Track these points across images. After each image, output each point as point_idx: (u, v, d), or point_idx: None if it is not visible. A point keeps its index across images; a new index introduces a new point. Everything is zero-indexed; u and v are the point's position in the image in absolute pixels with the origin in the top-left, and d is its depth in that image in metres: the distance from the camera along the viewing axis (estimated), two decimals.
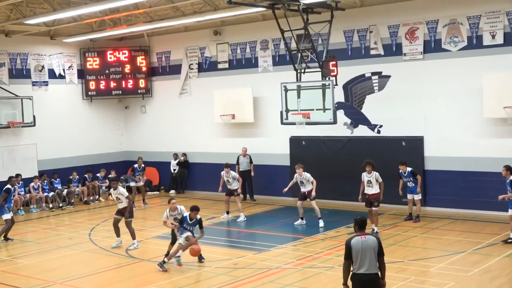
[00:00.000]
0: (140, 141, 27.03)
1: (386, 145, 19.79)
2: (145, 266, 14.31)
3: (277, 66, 22.38)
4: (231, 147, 23.57)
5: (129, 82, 26.21)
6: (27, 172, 23.20)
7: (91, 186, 24.31)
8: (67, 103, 25.52)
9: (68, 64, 25.48)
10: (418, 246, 15.00)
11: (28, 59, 24.20)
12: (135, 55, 26.28)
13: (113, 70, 26.08)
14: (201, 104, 24.57)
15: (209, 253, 14.95)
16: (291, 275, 12.93)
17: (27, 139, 23.93)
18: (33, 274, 13.81)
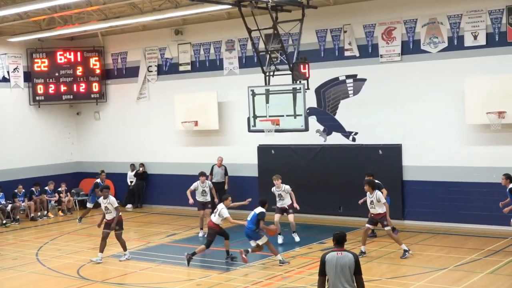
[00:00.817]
0: (94, 151, 26.84)
1: (362, 153, 19.99)
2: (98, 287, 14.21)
3: (244, 68, 22.46)
4: (194, 157, 23.58)
5: (81, 86, 26.01)
6: None
7: (39, 201, 24.03)
8: (12, 109, 25.23)
9: (13, 66, 25.21)
10: (396, 263, 15.13)
11: None
12: (88, 56, 26.12)
13: (64, 73, 25.88)
14: (160, 110, 24.53)
15: (169, 273, 14.93)
16: None
17: None
18: None
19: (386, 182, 18.99)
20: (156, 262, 16.25)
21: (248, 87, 18.25)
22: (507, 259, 14.81)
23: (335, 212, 19.84)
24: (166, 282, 14.18)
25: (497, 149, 17.94)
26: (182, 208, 23.45)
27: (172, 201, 24.17)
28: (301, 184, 20.71)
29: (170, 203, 24.24)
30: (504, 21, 17.67)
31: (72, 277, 15.08)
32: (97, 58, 26.17)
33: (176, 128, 23.58)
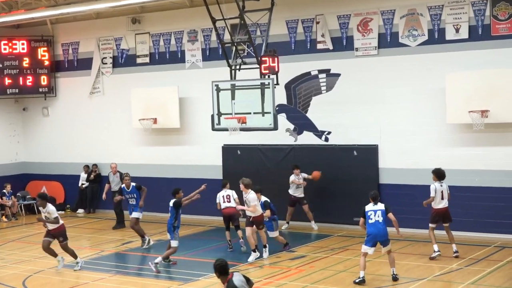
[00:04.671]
0: (42, 150, 26.61)
1: (335, 155, 20.12)
2: None
3: (207, 61, 22.46)
4: (153, 158, 23.58)
5: (28, 78, 25.77)
6: None
7: None
8: None
9: None
10: (371, 273, 15.18)
11: None
12: (36, 46, 25.90)
13: (8, 64, 25.62)
14: (116, 105, 24.43)
15: (124, 284, 14.88)
16: None
17: None
18: None
19: (361, 185, 19.26)
20: (111, 272, 16.19)
21: (212, 82, 18.27)
22: (490, 268, 15.04)
23: (304, 218, 19.90)
24: None
25: (479, 151, 18.20)
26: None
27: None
28: (268, 187, 20.72)
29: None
30: (488, 13, 17.91)
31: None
32: (45, 49, 25.95)
33: (133, 126, 23.49)
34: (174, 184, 18.91)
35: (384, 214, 14.15)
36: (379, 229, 14.09)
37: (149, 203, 21.91)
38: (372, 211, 14.18)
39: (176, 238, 15.93)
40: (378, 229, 14.07)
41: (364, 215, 14.26)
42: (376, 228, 14.07)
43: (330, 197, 18.68)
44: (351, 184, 19.33)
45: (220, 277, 8.87)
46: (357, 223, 19.19)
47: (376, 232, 14.09)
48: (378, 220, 14.09)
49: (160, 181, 22.93)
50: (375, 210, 14.17)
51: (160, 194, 20.27)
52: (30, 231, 22.17)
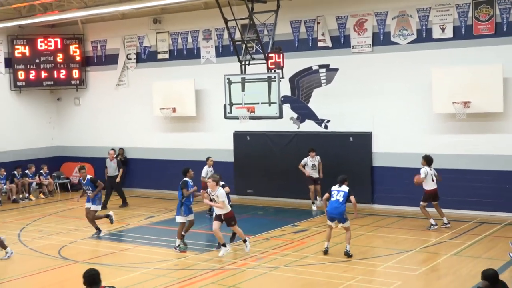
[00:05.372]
0: (74, 136, 26.69)
1: (334, 140, 20.14)
2: (79, 268, 14.16)
3: (220, 57, 22.44)
4: (172, 142, 23.65)
5: (61, 72, 25.82)
6: None
7: (21, 184, 23.89)
8: None
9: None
10: (365, 245, 15.33)
11: None
12: (68, 43, 25.92)
13: (44, 59, 25.67)
14: (139, 96, 24.45)
15: (148, 254, 14.99)
16: (234, 276, 13.04)
17: None
18: None
19: (356, 168, 19.34)
20: (135, 243, 16.29)
21: (224, 76, 18.33)
22: (470, 241, 15.09)
23: (306, 196, 19.95)
24: (145, 262, 14.22)
25: (462, 137, 18.20)
26: (161, 191, 23.53)
27: (151, 184, 24.21)
28: (275, 169, 20.90)
29: (149, 187, 24.23)
30: (470, 15, 17.86)
31: (54, 257, 15.06)
32: (77, 46, 25.97)
33: (155, 114, 23.53)
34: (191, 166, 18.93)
35: (346, 195, 14.14)
36: (335, 208, 14.07)
37: (167, 183, 22.11)
38: (336, 191, 14.25)
39: (182, 215, 15.18)
40: (335, 207, 14.07)
41: (330, 193, 14.32)
42: (333, 206, 14.09)
43: (329, 178, 18.64)
44: (348, 167, 19.29)
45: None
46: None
47: (332, 210, 14.10)
48: (338, 199, 14.11)
49: (177, 163, 22.91)
50: (338, 191, 14.22)
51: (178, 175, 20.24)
52: (65, 206, 22.33)
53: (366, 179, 19.60)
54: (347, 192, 14.20)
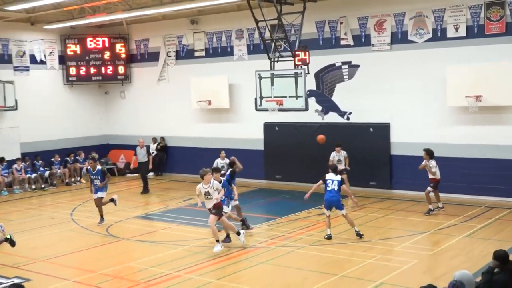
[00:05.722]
0: (120, 125, 26.89)
1: (355, 131, 19.98)
2: (125, 244, 14.34)
3: (251, 54, 22.37)
4: (208, 132, 23.70)
5: (108, 68, 26.01)
6: (10, 155, 23.05)
7: (73, 168, 24.18)
8: (48, 88, 25.27)
9: (49, 50, 25.19)
10: (384, 226, 15.24)
11: (9, 45, 23.86)
12: (115, 42, 26.07)
13: (93, 57, 25.85)
14: (178, 90, 24.50)
15: (186, 232, 15.08)
16: (265, 253, 13.06)
17: (9, 122, 23.65)
18: (17, 252, 13.72)
19: (376, 156, 19.21)
20: (175, 222, 16.40)
21: (255, 71, 18.29)
22: (481, 224, 14.90)
23: None
24: (184, 240, 14.32)
25: (474, 129, 17.92)
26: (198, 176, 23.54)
27: (189, 170, 24.23)
28: (301, 156, 20.83)
29: (187, 172, 24.29)
30: (482, 15, 17.52)
31: (102, 235, 15.27)
32: (122, 44, 26.11)
33: (192, 106, 23.58)
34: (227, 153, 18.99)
35: (339, 184, 13.89)
36: (332, 196, 13.84)
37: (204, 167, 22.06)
38: (331, 180, 13.90)
39: (227, 204, 14.47)
40: (331, 196, 13.84)
41: (324, 181, 13.98)
42: (330, 195, 13.84)
43: (351, 165, 18.59)
44: (368, 155, 19.20)
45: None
46: (372, 186, 19.46)
47: (330, 198, 13.87)
48: (333, 188, 13.84)
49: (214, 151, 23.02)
50: (332, 180, 13.90)
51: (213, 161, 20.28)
52: (111, 189, 22.39)
53: (385, 166, 19.44)
54: (340, 181, 13.96)
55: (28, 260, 13.12)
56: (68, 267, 12.56)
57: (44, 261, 13.04)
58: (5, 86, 23.11)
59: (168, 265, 12.28)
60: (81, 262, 12.95)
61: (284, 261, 12.46)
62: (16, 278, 11.76)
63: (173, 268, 12.10)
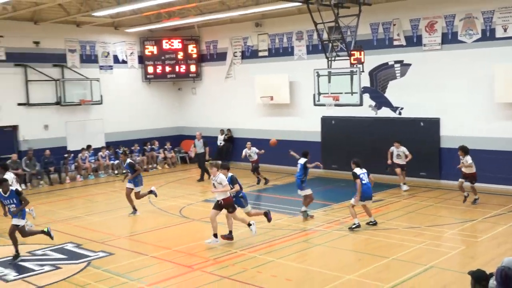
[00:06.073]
0: (191, 118, 27.22)
1: (406, 125, 19.54)
2: (196, 225, 14.53)
3: (310, 54, 22.18)
4: (270, 125, 23.69)
5: (181, 67, 26.36)
6: (96, 143, 23.77)
7: (150, 156, 24.67)
8: (129, 85, 25.82)
9: (130, 51, 25.74)
10: (433, 214, 14.86)
11: (96, 47, 24.50)
12: (187, 43, 26.36)
13: (168, 57, 26.24)
14: (244, 87, 24.58)
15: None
16: (321, 236, 12.98)
17: (95, 115, 24.35)
18: (101, 229, 14.14)
19: (426, 148, 18.75)
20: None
21: (314, 70, 18.11)
22: None
23: (382, 172, 19.51)
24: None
25: None
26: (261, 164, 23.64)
27: None
28: (355, 148, 20.50)
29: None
30: None
31: (176, 216, 15.50)
32: (194, 45, 26.38)
33: (256, 101, 23.62)
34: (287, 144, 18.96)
35: (367, 175, 13.51)
36: (369, 188, 13.46)
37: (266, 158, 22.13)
38: (363, 173, 13.45)
39: (305, 188, 14.54)
40: (369, 188, 13.44)
41: (359, 177, 13.34)
42: (368, 187, 13.41)
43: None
44: (418, 147, 18.72)
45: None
46: (422, 176, 18.99)
47: (369, 190, 13.43)
48: (368, 181, 13.45)
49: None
50: (364, 173, 13.47)
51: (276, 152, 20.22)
52: (184, 175, 22.85)
53: (435, 158, 18.94)
54: (367, 172, 13.58)
55: (111, 236, 13.48)
56: (145, 243, 12.82)
57: (125, 238, 13.38)
58: (92, 83, 23.79)
59: (233, 245, 12.37)
60: (157, 240, 13.18)
61: (339, 244, 12.35)
62: (101, 252, 12.13)
63: (238, 247, 12.18)
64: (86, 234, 13.71)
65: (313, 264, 10.98)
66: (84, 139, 23.62)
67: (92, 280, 10.39)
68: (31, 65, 22.25)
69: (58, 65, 23.14)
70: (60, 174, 21.97)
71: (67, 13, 20.98)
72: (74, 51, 23.72)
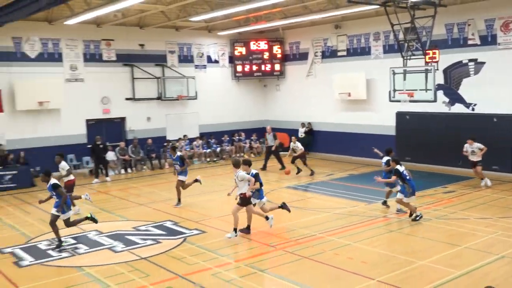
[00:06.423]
0: (275, 112, 27.26)
1: (480, 120, 18.56)
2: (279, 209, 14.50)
3: (386, 53, 21.57)
4: (347, 119, 23.31)
5: (267, 66, 26.43)
6: (191, 134, 24.35)
7: (238, 146, 24.98)
8: (220, 82, 26.20)
9: (221, 52, 26.09)
10: (505, 206, 14.03)
11: (192, 48, 25.03)
12: (272, 44, 26.38)
13: (255, 57, 26.38)
14: (323, 84, 24.29)
15: (328, 201, 14.99)
16: (395, 223, 12.64)
17: (191, 109, 24.94)
18: (195, 209, 14.48)
19: (499, 143, 17.78)
20: (319, 193, 16.36)
21: (389, 68, 17.64)
22: None
23: (455, 164, 18.74)
24: (326, 208, 14.25)
25: None
26: (338, 156, 23.42)
27: (331, 150, 24.16)
28: (429, 142, 19.87)
29: (330, 152, 24.17)
30: None
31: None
32: (278, 46, 26.36)
33: (334, 97, 23.29)
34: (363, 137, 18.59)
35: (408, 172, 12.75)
36: (414, 185, 12.65)
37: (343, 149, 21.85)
38: (405, 170, 12.70)
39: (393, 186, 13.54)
40: (414, 184, 12.63)
41: (399, 174, 12.53)
42: (413, 184, 12.60)
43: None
44: (491, 142, 17.71)
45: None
46: (494, 170, 17.97)
47: (415, 185, 12.67)
48: (410, 177, 12.66)
49: (351, 135, 22.80)
50: (404, 170, 12.71)
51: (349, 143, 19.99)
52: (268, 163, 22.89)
53: (507, 152, 17.88)
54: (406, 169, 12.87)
55: (204, 216, 13.78)
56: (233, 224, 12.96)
57: (216, 218, 13.62)
58: (188, 81, 24.37)
59: (313, 228, 12.30)
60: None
61: (412, 231, 11.97)
62: (195, 230, 12.43)
63: (317, 230, 12.10)
64: (183, 214, 14.09)
65: (387, 249, 10.71)
66: (181, 129, 24.30)
67: (187, 254, 10.69)
68: (137, 64, 23.12)
69: (159, 65, 23.89)
70: (160, 161, 22.72)
71: (168, 19, 21.59)
72: (173, 52, 24.39)
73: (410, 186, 12.55)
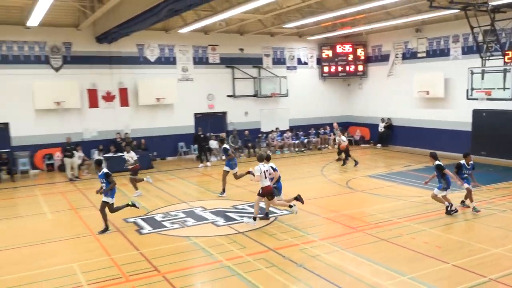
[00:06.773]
0: (358, 109, 26.67)
1: None
2: (360, 195, 14.29)
3: (465, 54, 20.30)
4: (426, 115, 22.29)
5: (351, 67, 25.90)
6: (282, 126, 24.53)
7: (323, 138, 24.79)
8: (308, 81, 26.10)
9: (310, 55, 25.95)
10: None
11: (284, 51, 25.12)
12: (356, 47, 25.79)
13: (340, 59, 25.95)
14: (403, 83, 23.38)
15: (404, 190, 14.50)
16: (469, 214, 11.97)
17: (282, 105, 25.10)
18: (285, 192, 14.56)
19: None
20: (397, 182, 15.86)
21: (468, 68, 16.66)
22: None
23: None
24: (403, 196, 13.81)
25: None
26: (416, 149, 22.53)
27: (409, 143, 23.27)
28: (504, 138, 18.52)
29: (408, 145, 23.30)
30: None
31: (343, 187, 15.40)
32: (362, 49, 25.72)
33: (413, 96, 22.33)
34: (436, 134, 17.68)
35: None
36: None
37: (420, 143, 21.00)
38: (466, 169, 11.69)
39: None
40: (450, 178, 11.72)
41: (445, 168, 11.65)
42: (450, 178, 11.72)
43: None
44: None
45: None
46: None
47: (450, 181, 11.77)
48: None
49: (428, 130, 21.82)
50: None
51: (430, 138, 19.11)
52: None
53: None
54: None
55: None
56: (319, 207, 12.95)
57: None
58: (281, 80, 24.52)
59: (391, 213, 11.98)
60: (328, 204, 13.23)
61: (487, 221, 11.28)
62: (285, 211, 12.50)
63: (394, 216, 11.77)
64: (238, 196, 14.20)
65: (461, 236, 10.19)
66: (273, 123, 24.54)
67: (278, 231, 10.85)
68: (237, 66, 23.63)
69: (256, 66, 24.24)
70: (255, 149, 23.13)
71: (264, 26, 21.82)
72: (268, 55, 24.63)
73: (448, 182, 11.82)
